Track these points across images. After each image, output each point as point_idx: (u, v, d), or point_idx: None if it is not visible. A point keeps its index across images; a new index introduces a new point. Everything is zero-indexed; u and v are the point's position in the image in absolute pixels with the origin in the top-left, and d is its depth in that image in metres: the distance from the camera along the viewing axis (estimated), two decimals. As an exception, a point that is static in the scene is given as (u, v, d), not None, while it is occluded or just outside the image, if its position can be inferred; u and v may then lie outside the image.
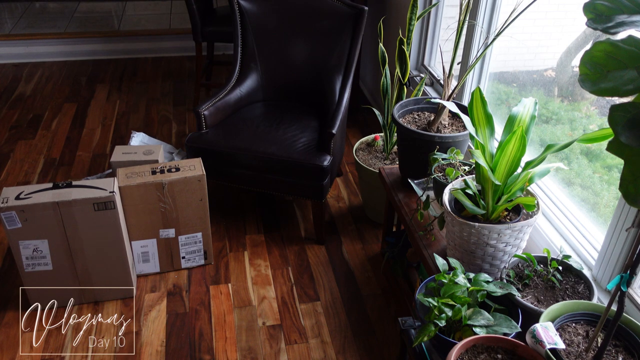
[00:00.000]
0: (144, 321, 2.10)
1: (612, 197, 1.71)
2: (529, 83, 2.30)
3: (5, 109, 3.66)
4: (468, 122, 1.55)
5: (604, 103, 1.81)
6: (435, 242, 1.82)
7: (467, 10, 1.99)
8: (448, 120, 2.15)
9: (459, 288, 1.36)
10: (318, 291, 2.25)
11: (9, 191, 1.95)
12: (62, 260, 2.04)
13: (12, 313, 2.10)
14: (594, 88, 0.85)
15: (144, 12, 5.30)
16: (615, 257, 1.47)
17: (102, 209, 1.98)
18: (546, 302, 1.41)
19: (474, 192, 1.55)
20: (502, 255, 1.53)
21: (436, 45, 2.79)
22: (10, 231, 1.93)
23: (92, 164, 3.08)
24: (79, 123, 3.51)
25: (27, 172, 2.99)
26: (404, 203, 2.03)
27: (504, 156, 1.45)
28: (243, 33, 2.62)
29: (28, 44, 4.44)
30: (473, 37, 2.26)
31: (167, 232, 2.21)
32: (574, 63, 2.00)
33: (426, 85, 2.79)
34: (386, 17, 3.01)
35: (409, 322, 1.45)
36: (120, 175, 2.10)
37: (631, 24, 0.83)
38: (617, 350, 1.22)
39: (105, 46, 4.53)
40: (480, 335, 1.26)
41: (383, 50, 2.49)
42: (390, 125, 2.54)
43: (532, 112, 1.51)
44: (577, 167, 1.90)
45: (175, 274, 2.32)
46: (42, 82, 4.06)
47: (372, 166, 2.53)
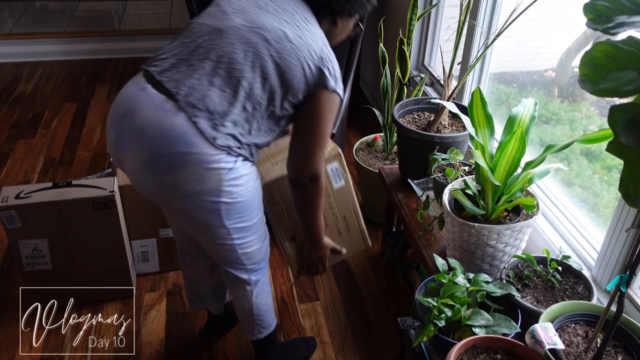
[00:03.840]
0: (143, 321, 2.10)
1: (611, 198, 1.71)
2: (529, 83, 2.30)
3: (6, 108, 3.66)
4: (468, 123, 1.55)
5: (604, 104, 1.81)
6: (435, 242, 1.82)
7: (468, 11, 1.99)
8: (448, 121, 2.15)
9: (458, 288, 1.36)
10: (318, 291, 2.25)
11: (9, 190, 1.96)
12: (62, 259, 2.04)
13: (11, 313, 2.10)
14: (594, 89, 0.85)
15: (144, 12, 5.30)
16: (614, 258, 1.47)
17: (102, 209, 1.98)
18: (546, 302, 1.41)
19: (474, 193, 1.55)
20: (501, 256, 1.54)
21: (436, 46, 2.79)
22: (9, 230, 1.93)
23: (92, 163, 3.08)
24: (79, 122, 3.51)
25: (27, 171, 2.99)
26: (403, 203, 2.03)
27: (504, 157, 1.45)
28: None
29: (28, 43, 4.44)
30: (473, 38, 2.25)
31: (167, 232, 2.21)
32: (574, 63, 2.00)
33: (426, 86, 2.79)
34: (386, 17, 3.01)
35: (408, 322, 1.45)
36: (120, 175, 2.10)
37: (631, 24, 0.83)
38: (616, 351, 1.22)
39: (105, 45, 4.53)
40: (480, 336, 1.26)
41: (383, 50, 2.49)
42: (390, 126, 2.54)
43: (532, 113, 1.51)
44: (577, 167, 1.91)
45: (175, 273, 2.32)
46: (42, 81, 4.06)
47: (372, 166, 2.53)
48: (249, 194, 1.44)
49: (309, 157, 1.45)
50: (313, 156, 1.45)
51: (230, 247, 1.51)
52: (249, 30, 1.36)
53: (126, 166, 1.42)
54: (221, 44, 1.36)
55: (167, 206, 1.51)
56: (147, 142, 1.32)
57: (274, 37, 1.36)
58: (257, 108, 1.39)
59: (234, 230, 1.48)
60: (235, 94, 1.34)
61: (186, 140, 1.31)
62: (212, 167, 1.34)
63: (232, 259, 1.56)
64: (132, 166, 1.40)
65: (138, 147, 1.34)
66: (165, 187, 1.38)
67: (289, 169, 1.50)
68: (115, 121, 1.39)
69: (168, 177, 1.35)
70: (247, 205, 1.46)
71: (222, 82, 1.34)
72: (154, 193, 1.43)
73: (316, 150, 1.45)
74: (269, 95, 1.38)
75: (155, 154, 1.33)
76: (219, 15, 1.42)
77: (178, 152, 1.31)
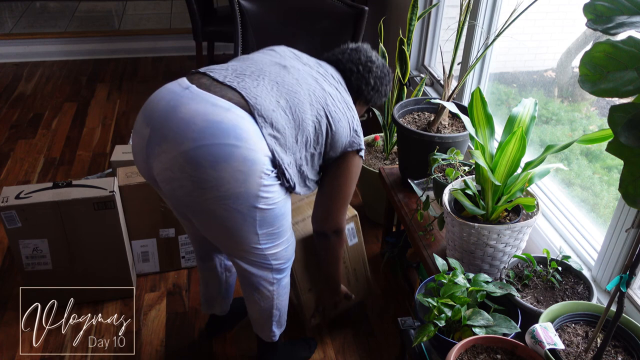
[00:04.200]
0: (143, 321, 2.10)
1: (611, 198, 1.71)
2: (529, 83, 2.30)
3: (6, 108, 3.66)
4: (468, 123, 1.55)
5: (604, 104, 1.82)
6: (435, 242, 1.82)
7: (468, 11, 1.99)
8: (448, 121, 2.15)
9: (458, 288, 1.36)
10: (318, 291, 2.25)
11: (9, 190, 1.96)
12: (62, 259, 2.04)
13: (12, 313, 2.10)
14: (594, 89, 0.85)
15: (144, 12, 5.30)
16: (614, 258, 1.47)
17: (102, 209, 1.98)
18: (545, 302, 1.41)
19: (474, 193, 1.55)
20: (501, 256, 1.54)
21: (436, 46, 2.79)
22: (10, 230, 1.93)
23: (92, 163, 3.08)
24: (79, 122, 3.51)
25: (27, 171, 2.99)
26: (403, 203, 2.03)
27: (504, 157, 1.45)
28: (243, 33, 2.62)
29: (28, 43, 4.45)
30: (473, 38, 2.26)
31: (167, 232, 2.22)
32: (574, 64, 2.00)
33: (426, 86, 2.79)
34: (386, 17, 3.01)
35: (408, 322, 1.45)
36: (121, 175, 2.10)
37: (631, 24, 0.83)
38: (616, 351, 1.22)
39: (105, 45, 4.53)
40: (480, 336, 1.26)
41: (383, 50, 2.49)
42: (390, 126, 2.54)
43: (532, 113, 1.51)
44: (577, 167, 1.91)
45: (175, 273, 2.32)
46: (42, 82, 4.06)
47: (372, 166, 2.53)
48: (281, 202, 1.43)
49: (335, 212, 1.57)
50: (338, 212, 1.57)
51: (258, 252, 1.49)
52: (311, 77, 1.45)
53: (157, 163, 1.35)
54: (286, 77, 1.41)
55: (196, 208, 1.39)
56: (193, 131, 1.27)
57: (331, 94, 1.45)
58: (307, 149, 1.44)
59: (264, 237, 1.46)
60: (295, 124, 1.38)
61: (237, 134, 1.28)
62: (256, 167, 1.31)
63: (259, 261, 1.53)
64: (168, 161, 1.31)
65: (181, 138, 1.28)
66: (204, 184, 1.30)
67: (315, 221, 1.62)
68: (151, 117, 1.34)
69: (210, 173, 1.28)
70: (280, 214, 1.45)
71: (287, 107, 1.37)
72: (187, 193, 1.34)
73: (341, 207, 1.57)
74: (319, 141, 1.45)
75: (202, 143, 1.27)
76: (276, 57, 1.50)
77: (227, 144, 1.27)
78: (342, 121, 1.47)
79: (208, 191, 1.31)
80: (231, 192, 1.31)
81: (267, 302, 1.64)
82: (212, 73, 1.39)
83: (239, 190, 1.31)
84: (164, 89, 1.39)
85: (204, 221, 1.44)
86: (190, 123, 1.28)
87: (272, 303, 1.65)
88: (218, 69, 1.42)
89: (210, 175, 1.29)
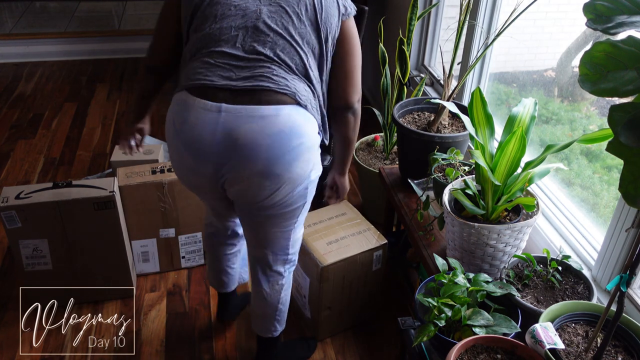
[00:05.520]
0: (143, 321, 2.10)
1: (611, 198, 1.71)
2: (529, 83, 2.30)
3: (6, 109, 3.66)
4: (468, 123, 1.55)
5: (604, 103, 1.81)
6: (435, 242, 1.82)
7: (467, 11, 1.99)
8: (448, 121, 2.15)
9: (458, 288, 1.36)
10: (318, 291, 2.25)
11: (9, 190, 1.96)
12: (62, 259, 2.04)
13: (12, 313, 2.10)
14: (593, 88, 0.85)
15: (144, 12, 5.31)
16: (614, 258, 1.47)
17: (102, 209, 1.98)
18: (546, 302, 1.41)
19: (474, 193, 1.55)
20: (501, 256, 1.54)
21: (436, 46, 2.79)
22: (10, 230, 1.93)
23: (92, 163, 3.08)
24: (79, 122, 3.51)
25: (27, 171, 2.99)
26: (403, 203, 2.03)
27: (504, 156, 1.45)
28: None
29: (28, 44, 4.45)
30: (473, 38, 2.26)
31: (167, 232, 2.22)
32: (574, 63, 2.00)
33: (426, 86, 2.79)
34: (386, 17, 3.01)
35: (408, 322, 1.45)
36: (120, 175, 2.10)
37: (631, 24, 0.83)
38: (616, 351, 1.22)
39: (105, 45, 4.53)
40: (480, 336, 1.26)
41: (383, 50, 2.49)
42: (390, 125, 2.54)
43: (532, 113, 1.51)
44: (577, 167, 1.91)
45: (175, 273, 2.33)
46: (42, 82, 4.06)
47: (372, 166, 2.53)
48: (319, 166, 1.50)
49: (357, 80, 1.52)
50: (359, 78, 1.52)
51: (288, 233, 1.56)
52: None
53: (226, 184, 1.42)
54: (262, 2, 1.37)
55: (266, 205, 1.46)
56: (259, 152, 1.33)
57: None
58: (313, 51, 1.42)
59: (301, 214, 1.54)
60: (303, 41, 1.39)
61: (297, 133, 1.36)
62: (317, 146, 1.44)
63: (282, 245, 1.60)
64: (240, 179, 1.39)
65: (252, 164, 1.35)
66: (279, 186, 1.39)
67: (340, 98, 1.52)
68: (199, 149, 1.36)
69: (285, 175, 1.38)
70: (313, 186, 1.51)
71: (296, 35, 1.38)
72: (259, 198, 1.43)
73: (359, 73, 1.52)
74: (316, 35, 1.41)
75: (274, 161, 1.35)
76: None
77: (293, 148, 1.36)
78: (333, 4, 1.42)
79: (282, 189, 1.41)
80: (302, 180, 1.42)
81: (275, 296, 1.69)
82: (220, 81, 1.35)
83: (307, 174, 1.43)
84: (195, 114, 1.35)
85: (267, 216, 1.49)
86: (255, 146, 1.33)
87: (278, 297, 1.70)
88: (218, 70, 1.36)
89: (285, 177, 1.39)
